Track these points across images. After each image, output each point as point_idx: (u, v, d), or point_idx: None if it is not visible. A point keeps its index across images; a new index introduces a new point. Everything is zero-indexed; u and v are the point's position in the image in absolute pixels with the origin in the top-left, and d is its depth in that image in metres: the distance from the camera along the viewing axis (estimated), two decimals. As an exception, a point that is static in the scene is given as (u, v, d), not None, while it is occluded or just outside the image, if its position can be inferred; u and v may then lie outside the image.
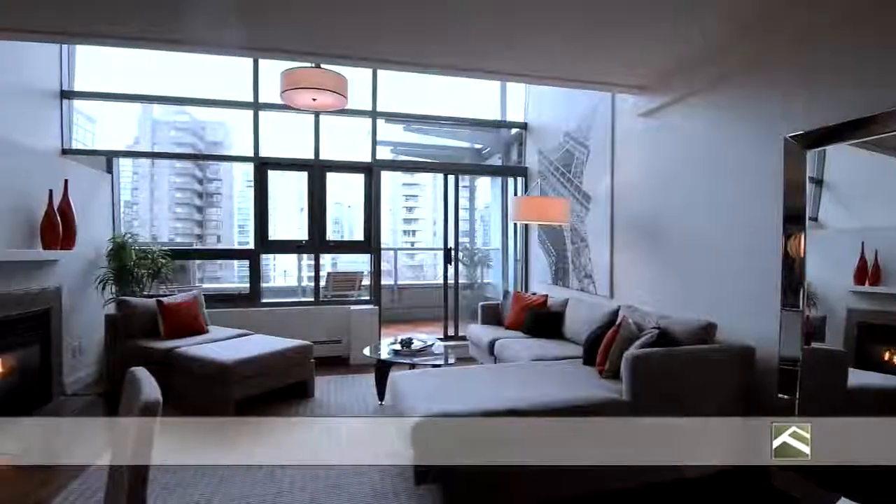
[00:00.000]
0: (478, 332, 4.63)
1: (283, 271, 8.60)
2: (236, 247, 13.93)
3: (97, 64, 5.06)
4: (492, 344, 4.16)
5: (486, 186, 8.18)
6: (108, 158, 4.84)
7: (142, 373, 1.27)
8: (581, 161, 4.54)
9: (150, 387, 1.16)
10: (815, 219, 2.38)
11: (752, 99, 2.81)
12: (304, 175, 5.38)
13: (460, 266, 5.88)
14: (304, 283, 7.55)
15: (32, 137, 4.22)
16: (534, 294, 4.79)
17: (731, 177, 2.90)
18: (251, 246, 5.30)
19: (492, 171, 6.89)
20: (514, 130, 6.21)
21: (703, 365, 2.60)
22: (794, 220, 2.40)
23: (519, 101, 6.05)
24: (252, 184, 5.19)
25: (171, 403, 1.55)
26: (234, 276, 8.48)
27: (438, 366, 3.58)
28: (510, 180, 6.20)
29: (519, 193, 5.93)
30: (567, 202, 4.28)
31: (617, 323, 3.09)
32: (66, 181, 3.75)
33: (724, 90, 2.99)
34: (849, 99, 2.18)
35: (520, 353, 3.72)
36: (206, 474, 2.56)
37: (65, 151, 4.69)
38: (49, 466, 2.57)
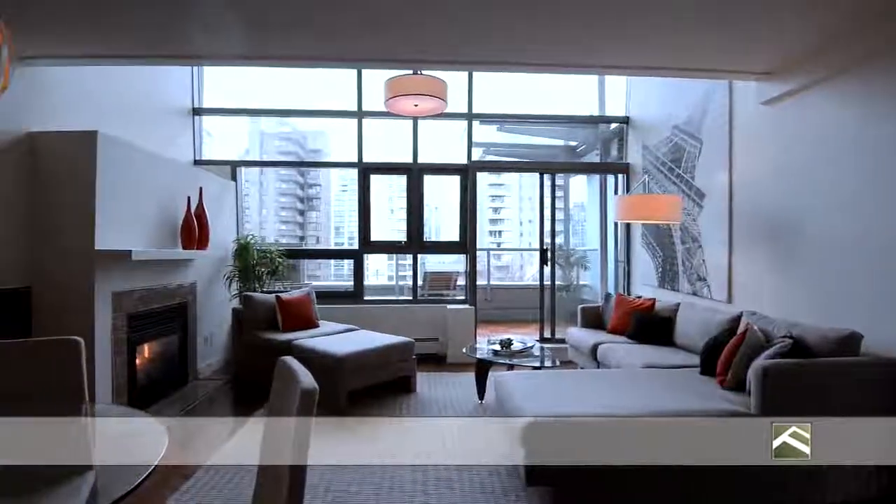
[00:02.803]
0: (578, 335, 4.50)
1: (374, 270, 9.01)
2: (333, 247, 14.87)
3: (217, 84, 5.60)
4: (595, 348, 4.02)
5: (579, 185, 7.94)
6: (233, 167, 5.36)
7: (293, 362, 1.38)
8: (693, 155, 4.26)
9: (305, 375, 1.26)
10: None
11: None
12: (395, 178, 5.60)
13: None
14: (398, 281, 7.86)
15: (172, 150, 4.77)
16: (639, 297, 4.56)
17: (880, 168, 2.56)
18: (354, 246, 5.62)
19: (591, 169, 6.66)
20: (613, 126, 5.96)
21: (846, 380, 2.34)
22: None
23: (619, 94, 5.78)
24: (346, 188, 5.48)
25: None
26: (330, 275, 8.96)
27: (538, 368, 3.54)
28: (609, 178, 5.97)
29: (619, 191, 5.68)
30: (678, 199, 4.01)
31: (741, 330, 2.86)
32: (200, 189, 4.21)
33: (867, 72, 2.65)
34: None
35: (626, 358, 3.56)
36: (318, 467, 2.61)
37: (196, 162, 5.26)
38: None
